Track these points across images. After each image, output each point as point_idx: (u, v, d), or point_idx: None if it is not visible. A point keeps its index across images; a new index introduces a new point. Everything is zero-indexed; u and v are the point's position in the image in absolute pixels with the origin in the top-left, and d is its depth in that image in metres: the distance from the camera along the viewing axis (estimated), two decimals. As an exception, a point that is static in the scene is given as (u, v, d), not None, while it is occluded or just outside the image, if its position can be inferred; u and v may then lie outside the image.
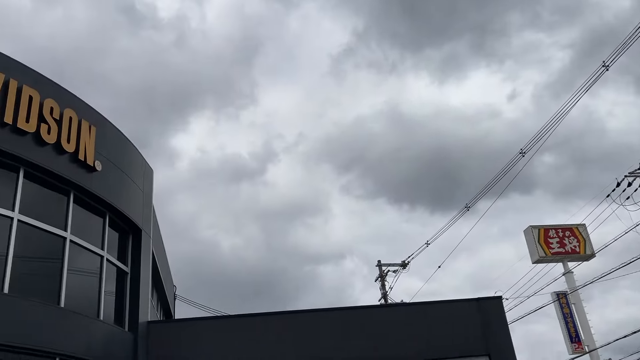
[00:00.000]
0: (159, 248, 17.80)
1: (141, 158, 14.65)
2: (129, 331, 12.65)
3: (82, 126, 11.73)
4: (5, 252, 9.98)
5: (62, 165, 11.22)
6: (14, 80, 10.48)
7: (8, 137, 10.27)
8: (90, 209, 12.36)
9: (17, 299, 9.73)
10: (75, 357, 10.54)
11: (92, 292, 11.92)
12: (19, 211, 10.41)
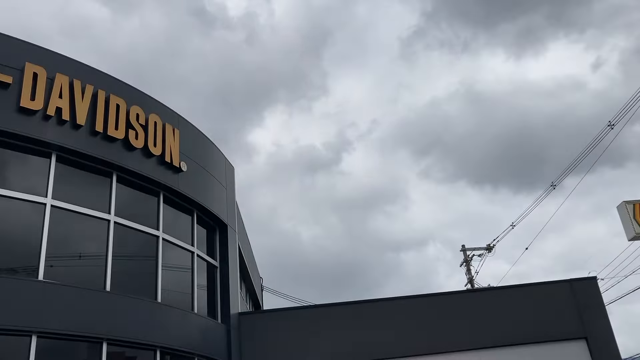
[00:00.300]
0: (244, 241, 18.38)
1: (222, 156, 15.15)
2: (221, 323, 13.19)
3: (167, 130, 12.29)
4: (105, 252, 10.66)
5: (151, 168, 11.81)
6: (102, 91, 11.12)
7: (100, 145, 10.93)
8: (179, 208, 12.94)
9: (118, 296, 10.38)
10: (173, 349, 11.13)
11: (185, 287, 12.51)
12: (115, 213, 11.07)
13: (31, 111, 10.01)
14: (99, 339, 9.79)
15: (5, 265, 9.44)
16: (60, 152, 10.49)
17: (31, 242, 9.69)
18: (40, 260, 9.58)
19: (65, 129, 10.43)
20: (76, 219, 10.48)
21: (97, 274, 10.44)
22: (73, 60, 11.08)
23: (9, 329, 8.77)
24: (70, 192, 10.52)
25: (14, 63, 10.08)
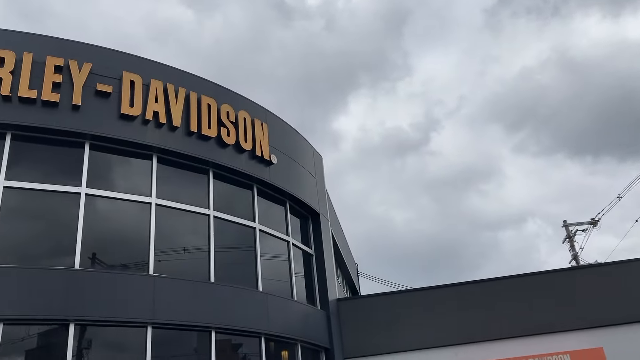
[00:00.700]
0: (337, 229, 18.61)
1: (310, 146, 15.39)
2: (321, 309, 13.47)
3: (256, 125, 12.67)
4: (207, 245, 11.20)
5: (243, 162, 12.24)
6: (194, 93, 11.65)
7: (195, 144, 11.46)
8: (272, 199, 13.33)
9: (223, 287, 10.88)
10: (277, 335, 11.53)
11: (283, 275, 12.89)
12: (214, 208, 11.59)
13: (131, 117, 10.67)
14: (207, 327, 10.33)
15: (118, 261, 10.18)
16: (160, 153, 11.11)
17: (140, 239, 10.37)
18: (150, 256, 10.23)
19: (163, 132, 11.03)
20: (179, 216, 11.08)
21: (201, 266, 11.00)
22: (165, 66, 11.67)
23: (127, 321, 9.47)
24: (172, 191, 11.13)
25: (112, 73, 10.78)
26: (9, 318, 8.57)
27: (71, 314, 8.97)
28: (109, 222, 10.35)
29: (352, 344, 13.51)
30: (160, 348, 9.70)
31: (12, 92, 9.75)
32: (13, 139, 9.87)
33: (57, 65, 10.18)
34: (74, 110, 10.17)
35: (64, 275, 9.19)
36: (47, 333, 9.15)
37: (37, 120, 9.90)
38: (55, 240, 9.77)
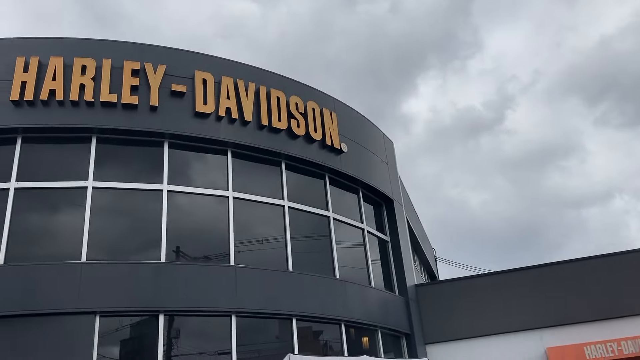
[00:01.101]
0: (412, 214, 18.46)
1: (380, 132, 15.32)
2: (399, 295, 13.45)
3: (325, 114, 12.76)
4: (284, 235, 11.44)
5: (314, 152, 12.37)
6: (263, 87, 11.88)
7: (267, 137, 11.70)
8: (345, 188, 13.40)
9: (301, 275, 11.09)
10: (356, 322, 11.62)
11: (359, 263, 12.96)
12: (288, 199, 11.81)
13: (205, 114, 11.04)
14: (288, 315, 10.57)
15: (200, 254, 10.59)
16: (234, 148, 11.44)
17: (220, 231, 10.74)
18: (230, 247, 10.58)
19: (236, 127, 11.34)
20: (255, 207, 11.38)
21: (279, 255, 11.26)
22: (234, 62, 11.97)
23: (213, 311, 9.86)
24: (247, 184, 11.44)
25: (185, 73, 11.18)
26: (104, 310, 9.14)
27: (161, 305, 9.44)
28: (190, 216, 10.77)
29: (433, 329, 13.42)
30: (244, 336, 10.03)
31: (95, 98, 10.33)
32: (98, 142, 10.46)
33: (134, 69, 10.68)
34: (152, 111, 10.64)
35: (152, 268, 9.68)
36: (138, 324, 9.69)
37: (119, 123, 10.43)
38: (142, 236, 10.29)
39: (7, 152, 10.14)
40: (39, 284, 9.04)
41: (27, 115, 10.14)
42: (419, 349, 12.93)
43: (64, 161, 10.36)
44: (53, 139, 10.35)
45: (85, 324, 8.98)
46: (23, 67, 10.28)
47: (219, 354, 9.95)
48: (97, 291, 9.17)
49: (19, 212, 9.72)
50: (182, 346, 9.72)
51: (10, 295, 8.91)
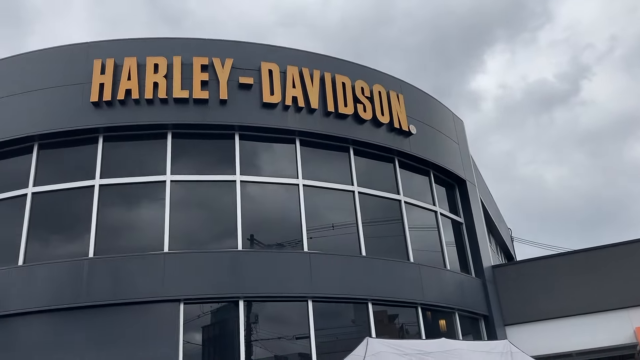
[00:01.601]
0: (486, 194, 18.02)
1: (449, 112, 15.02)
2: (476, 277, 13.22)
3: (391, 97, 12.64)
4: (355, 221, 11.49)
5: (382, 136, 12.31)
6: (328, 73, 11.92)
7: (334, 123, 11.75)
8: (415, 170, 13.27)
9: (375, 260, 11.11)
10: (433, 305, 11.54)
11: (433, 246, 12.82)
12: (357, 184, 11.83)
13: (272, 105, 11.22)
14: (363, 300, 10.64)
15: (274, 241, 10.83)
16: (302, 136, 11.57)
17: (292, 219, 10.93)
18: (303, 234, 10.76)
19: (303, 115, 11.45)
20: (325, 194, 11.48)
21: (351, 241, 11.33)
22: (298, 51, 12.07)
23: (290, 296, 10.09)
24: (316, 171, 11.56)
25: (251, 65, 11.40)
26: (188, 298, 9.56)
27: (240, 291, 9.76)
28: (263, 205, 11.02)
29: (512, 310, 13.11)
30: (320, 320, 10.20)
31: (168, 95, 10.73)
32: (173, 137, 10.87)
33: (202, 64, 11.00)
34: (222, 104, 10.93)
35: (230, 257, 10.00)
36: (219, 310, 10.06)
37: (192, 118, 10.80)
38: (218, 225, 10.65)
39: (90, 151, 10.73)
40: (127, 275, 9.57)
41: (106, 115, 10.68)
42: (498, 331, 12.69)
43: (143, 157, 10.86)
44: (131, 136, 10.86)
45: (171, 311, 9.43)
46: (100, 69, 10.82)
47: (297, 338, 10.18)
48: (180, 280, 9.59)
49: (104, 208, 10.30)
50: (261, 331, 10.02)
51: (101, 286, 9.49)
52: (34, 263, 9.85)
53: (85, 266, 9.61)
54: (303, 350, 10.04)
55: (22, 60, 11.57)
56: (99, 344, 9.16)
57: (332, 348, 10.24)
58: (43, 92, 10.99)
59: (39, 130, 10.74)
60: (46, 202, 10.50)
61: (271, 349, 10.04)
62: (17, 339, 9.39)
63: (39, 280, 9.62)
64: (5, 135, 10.85)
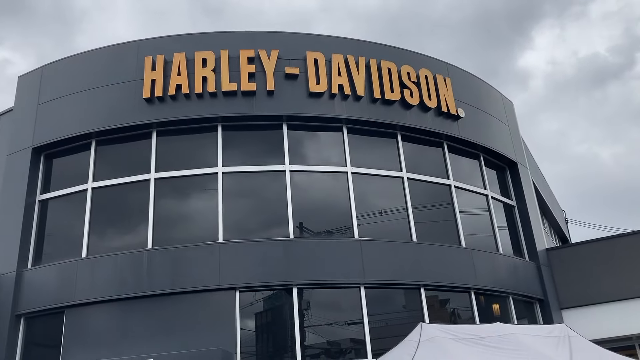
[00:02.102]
0: (538, 176, 17.63)
1: (498, 93, 14.73)
2: (530, 260, 13.01)
3: (438, 81, 12.50)
4: (405, 207, 11.48)
5: (430, 121, 12.20)
6: (373, 60, 11.88)
7: (381, 110, 11.73)
8: (464, 154, 13.10)
9: (426, 245, 11.09)
10: (486, 289, 11.44)
11: (485, 230, 12.67)
12: (406, 170, 11.80)
13: (319, 94, 11.29)
14: (416, 285, 10.66)
15: (324, 229, 10.94)
16: (349, 124, 11.61)
17: (341, 206, 11.01)
18: (353, 221, 10.84)
19: (349, 103, 11.48)
20: (374, 181, 11.51)
21: (401, 227, 11.33)
22: (343, 39, 12.07)
23: (343, 283, 10.22)
24: (364, 158, 11.58)
25: (297, 55, 11.48)
26: (243, 286, 9.82)
27: (293, 279, 9.94)
28: (312, 193, 11.15)
29: (568, 293, 12.86)
30: (372, 306, 10.28)
31: (217, 88, 10.95)
32: (223, 130, 11.10)
33: (249, 56, 11.15)
34: (269, 95, 11.08)
35: (283, 245, 10.19)
36: (273, 297, 10.28)
37: (240, 110, 10.99)
38: (270, 215, 10.84)
39: (145, 145, 11.09)
40: (184, 265, 9.89)
41: (158, 111, 11.00)
42: (554, 315, 12.48)
43: (195, 150, 11.14)
44: (183, 130, 11.14)
45: (228, 299, 9.71)
46: (151, 66, 11.13)
47: (349, 324, 10.31)
48: (235, 269, 9.85)
49: (160, 200, 10.65)
50: (314, 317, 10.19)
51: (161, 276, 9.85)
52: (97, 255, 10.31)
53: (145, 257, 9.99)
54: (355, 335, 10.17)
55: (76, 61, 12.02)
56: (160, 332, 9.54)
57: (384, 333, 10.33)
58: (98, 91, 11.40)
59: (96, 128, 11.16)
60: (105, 196, 10.94)
61: (324, 335, 10.20)
62: (86, 327, 9.89)
63: (102, 272, 10.07)
64: (65, 134, 11.33)
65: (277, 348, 10.03)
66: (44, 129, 11.55)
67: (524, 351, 8.45)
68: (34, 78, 12.19)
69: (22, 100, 12.11)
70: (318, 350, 10.09)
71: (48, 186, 11.53)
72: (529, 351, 8.47)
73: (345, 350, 10.29)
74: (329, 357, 10.10)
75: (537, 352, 8.46)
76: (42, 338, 10.52)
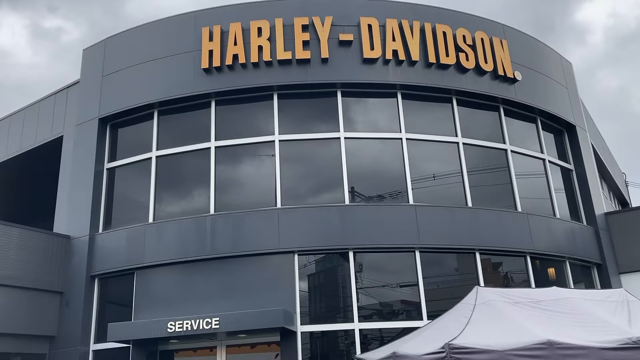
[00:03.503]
0: (597, 138, 17.15)
1: (556, 55, 14.33)
2: (587, 225, 12.84)
3: (494, 43, 12.28)
4: (460, 172, 11.49)
5: (486, 84, 12.05)
6: (427, 24, 11.76)
7: (436, 74, 11.66)
8: (521, 118, 12.91)
9: (481, 210, 11.12)
10: (542, 253, 11.43)
11: (542, 194, 12.55)
12: (461, 135, 11.76)
13: (373, 60, 11.32)
14: (471, 249, 10.76)
15: (379, 195, 11.10)
16: (403, 89, 11.62)
17: (396, 172, 11.14)
18: (408, 187, 10.96)
19: (404, 68, 11.47)
20: (429, 146, 11.54)
21: (456, 192, 11.38)
22: (396, 3, 11.98)
23: (398, 247, 10.43)
24: (419, 123, 11.60)
25: (350, 21, 11.50)
26: (301, 249, 10.18)
27: (350, 243, 10.23)
28: (367, 160, 11.28)
29: (628, 258, 12.67)
30: (427, 269, 10.47)
31: (272, 57, 11.14)
32: (279, 98, 11.33)
33: (303, 24, 11.26)
34: (324, 63, 11.20)
35: (338, 210, 10.45)
36: (329, 260, 10.60)
37: (295, 78, 11.17)
38: (325, 181, 11.08)
39: (204, 115, 11.47)
40: (245, 229, 10.32)
41: (217, 81, 11.31)
42: (612, 279, 12.36)
43: (252, 119, 11.44)
44: (241, 99, 11.44)
45: (287, 262, 10.10)
46: (208, 37, 11.41)
47: (402, 286, 10.55)
48: (293, 233, 10.21)
49: (220, 168, 11.06)
50: (370, 280, 10.48)
51: (223, 240, 10.32)
52: (163, 220, 10.86)
53: (208, 222, 10.47)
54: (410, 298, 10.42)
55: (137, 33, 12.43)
56: (223, 293, 10.05)
57: (438, 296, 10.53)
58: (159, 62, 11.80)
59: (158, 98, 11.61)
60: (169, 164, 11.44)
61: (379, 297, 10.49)
62: (154, 287, 10.52)
63: (168, 236, 10.63)
64: (129, 104, 11.83)
65: (334, 309, 10.41)
66: (109, 100, 12.09)
67: (581, 315, 8.49)
68: (98, 51, 12.70)
69: (88, 72, 12.67)
70: (373, 311, 10.41)
71: (114, 155, 12.13)
72: (587, 315, 8.49)
73: (399, 312, 10.58)
74: (384, 318, 10.41)
75: (595, 316, 8.47)
76: (115, 297, 11.26)
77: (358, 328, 9.88)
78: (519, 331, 7.61)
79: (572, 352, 7.20)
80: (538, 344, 7.14)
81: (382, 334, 10.15)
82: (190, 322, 9.23)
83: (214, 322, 9.12)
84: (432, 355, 7.47)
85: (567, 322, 8.16)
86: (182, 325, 9.24)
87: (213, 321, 9.12)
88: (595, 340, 7.37)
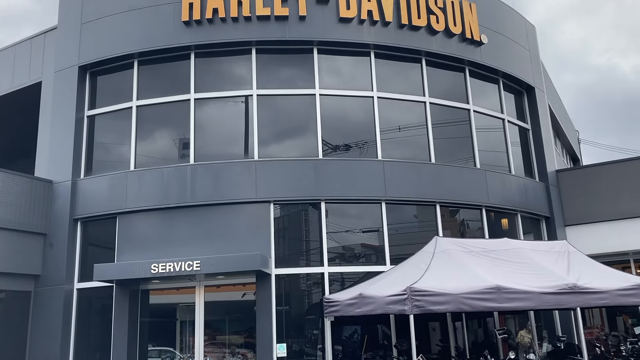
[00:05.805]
0: (554, 98, 18.14)
1: (522, 19, 15.01)
2: (539, 181, 13.93)
3: (464, 7, 12.86)
4: (425, 130, 12.26)
5: (454, 47, 12.70)
6: (402, -15, 12.20)
7: (407, 35, 12.22)
8: (484, 79, 13.67)
9: (443, 166, 11.99)
10: (496, 207, 12.46)
11: (500, 152, 13.49)
12: (429, 95, 12.46)
13: (348, 19, 11.79)
14: (432, 202, 11.68)
15: (350, 150, 11.80)
16: (376, 49, 12.16)
17: (367, 129, 11.85)
18: (377, 143, 11.70)
19: (378, 28, 11.99)
20: (398, 105, 12.23)
21: (421, 149, 12.18)
22: (373, -37, 12.30)
23: (366, 199, 11.25)
24: (389, 83, 12.23)
25: (328, -20, 11.82)
26: (277, 199, 10.90)
27: (322, 194, 10.99)
28: (340, 116, 11.91)
29: (573, 212, 13.88)
30: (391, 219, 11.37)
31: (251, 12, 11.48)
32: (257, 53, 11.73)
33: (282, -19, 11.55)
34: (301, 20, 11.61)
35: (312, 164, 11.14)
36: (301, 209, 11.38)
37: (273, 34, 11.57)
38: (300, 135, 11.71)
39: (184, 67, 11.81)
40: (224, 179, 10.93)
41: (196, 33, 11.61)
42: (558, 232, 13.56)
43: (231, 72, 11.86)
44: (220, 52, 11.80)
45: (263, 210, 10.82)
46: (190, -11, 11.61)
47: (366, 232, 11.47)
48: (269, 184, 10.88)
49: (199, 119, 11.53)
50: (339, 227, 11.33)
51: (203, 188, 10.92)
52: (144, 168, 11.36)
53: (188, 171, 11.03)
54: (375, 242, 11.36)
55: (116, -19, 12.46)
56: (202, 239, 10.72)
57: (400, 242, 11.51)
58: (139, 12, 11.98)
59: (138, 49, 11.86)
60: (149, 114, 11.83)
61: (346, 242, 11.39)
62: (135, 232, 11.12)
63: (150, 183, 11.16)
64: (109, 53, 12.05)
65: (305, 254, 11.26)
66: (88, 48, 12.26)
67: (527, 264, 9.60)
68: (75, -3, 12.72)
69: (66, 18, 12.72)
70: (340, 255, 11.32)
71: (94, 103, 12.41)
72: (532, 264, 9.62)
73: (362, 255, 11.53)
74: (350, 262, 11.33)
75: (539, 265, 9.60)
76: (98, 240, 11.83)
77: (327, 272, 10.79)
78: (472, 277, 8.65)
79: (517, 296, 8.32)
80: (488, 288, 8.20)
81: (347, 277, 11.09)
82: (172, 264, 9.92)
83: (195, 264, 9.83)
84: (395, 296, 8.45)
85: (514, 270, 9.26)
86: (165, 267, 9.92)
87: (194, 264, 9.82)
88: (537, 285, 8.49)
